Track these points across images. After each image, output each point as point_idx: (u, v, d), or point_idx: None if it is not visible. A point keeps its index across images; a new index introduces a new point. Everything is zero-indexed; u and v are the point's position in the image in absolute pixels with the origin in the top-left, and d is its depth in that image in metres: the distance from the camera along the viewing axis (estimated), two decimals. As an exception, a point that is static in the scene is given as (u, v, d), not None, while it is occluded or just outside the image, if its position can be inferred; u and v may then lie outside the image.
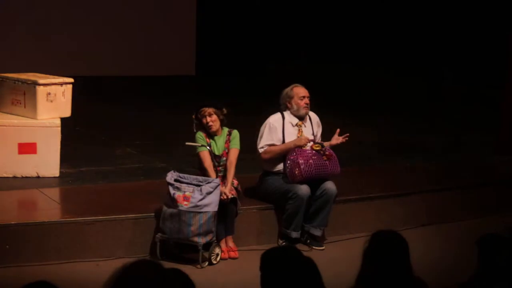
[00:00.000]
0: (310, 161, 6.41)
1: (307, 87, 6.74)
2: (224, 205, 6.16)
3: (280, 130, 6.62)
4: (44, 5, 13.83)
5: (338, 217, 6.90)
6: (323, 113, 7.13)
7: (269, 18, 15.73)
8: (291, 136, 6.62)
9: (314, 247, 6.57)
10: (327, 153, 6.51)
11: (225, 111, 6.42)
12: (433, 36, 14.68)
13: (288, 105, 6.68)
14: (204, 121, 6.35)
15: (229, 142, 6.43)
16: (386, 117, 11.45)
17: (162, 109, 11.35)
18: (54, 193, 6.88)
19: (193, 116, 6.43)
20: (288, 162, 6.48)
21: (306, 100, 6.66)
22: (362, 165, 8.47)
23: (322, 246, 6.62)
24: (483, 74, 13.19)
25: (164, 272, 2.81)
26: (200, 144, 6.32)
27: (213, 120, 6.34)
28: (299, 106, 6.64)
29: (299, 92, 6.67)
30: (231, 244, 6.33)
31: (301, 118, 6.69)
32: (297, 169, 6.40)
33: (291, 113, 6.67)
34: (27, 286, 2.86)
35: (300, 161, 6.39)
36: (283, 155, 6.55)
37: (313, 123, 6.78)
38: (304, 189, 6.40)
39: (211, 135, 6.40)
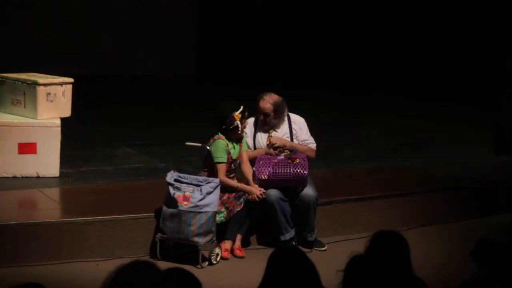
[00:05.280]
0: (270, 168, 6.36)
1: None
2: (252, 204, 6.20)
3: (251, 135, 6.64)
4: (44, 5, 13.84)
5: (338, 217, 6.90)
6: (324, 113, 7.12)
7: (269, 19, 15.72)
8: (263, 139, 6.64)
9: (315, 247, 6.57)
10: (293, 156, 6.47)
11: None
12: (433, 35, 14.69)
13: None
14: (243, 126, 6.35)
15: (241, 144, 6.45)
16: (386, 117, 11.44)
17: (162, 109, 11.35)
18: (54, 193, 6.89)
19: (236, 115, 6.27)
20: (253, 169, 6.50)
21: (261, 117, 6.60)
22: (363, 165, 8.47)
23: (324, 247, 6.62)
24: (482, 73, 13.20)
25: (159, 272, 2.82)
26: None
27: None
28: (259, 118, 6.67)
29: (259, 107, 6.61)
30: (239, 242, 6.36)
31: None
32: (255, 176, 6.37)
33: None
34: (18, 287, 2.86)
35: (258, 168, 6.36)
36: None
37: (293, 127, 6.73)
38: (272, 194, 6.33)
39: (233, 141, 6.36)
